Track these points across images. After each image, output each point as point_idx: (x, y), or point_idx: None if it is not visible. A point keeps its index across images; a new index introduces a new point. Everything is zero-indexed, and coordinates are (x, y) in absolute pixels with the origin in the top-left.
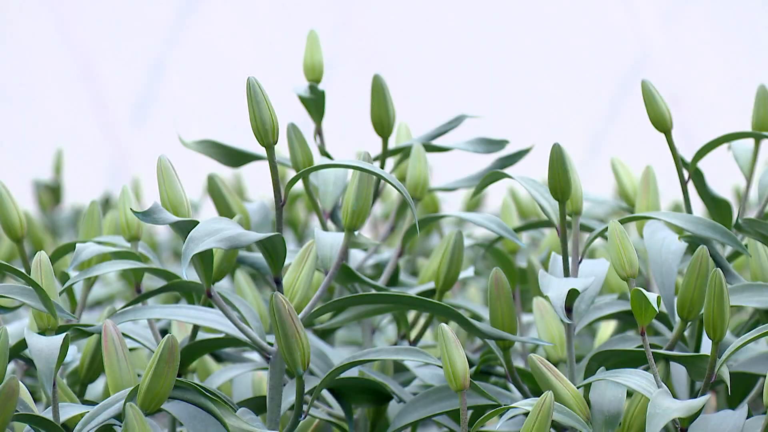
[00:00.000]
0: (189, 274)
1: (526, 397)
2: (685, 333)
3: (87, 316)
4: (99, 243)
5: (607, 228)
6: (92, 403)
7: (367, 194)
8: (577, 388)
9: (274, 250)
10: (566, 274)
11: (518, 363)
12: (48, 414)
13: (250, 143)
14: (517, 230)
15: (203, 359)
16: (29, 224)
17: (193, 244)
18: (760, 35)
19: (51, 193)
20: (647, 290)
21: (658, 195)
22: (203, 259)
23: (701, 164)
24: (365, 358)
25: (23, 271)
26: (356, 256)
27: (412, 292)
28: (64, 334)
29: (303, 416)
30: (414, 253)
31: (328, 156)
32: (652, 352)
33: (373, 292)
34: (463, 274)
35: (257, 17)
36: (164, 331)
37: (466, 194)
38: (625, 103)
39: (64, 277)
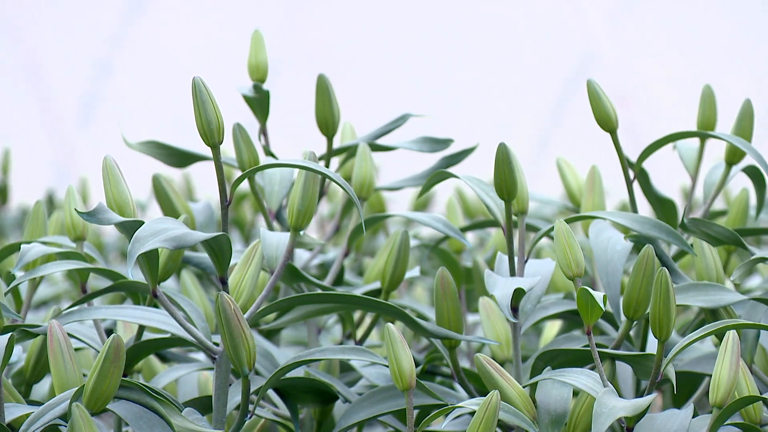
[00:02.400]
0: (135, 274)
1: (472, 396)
2: (631, 332)
3: (32, 317)
4: (44, 243)
5: (553, 228)
6: (38, 403)
7: (312, 194)
8: (524, 387)
9: (219, 249)
10: (512, 273)
11: (464, 363)
12: None
13: (197, 143)
14: (464, 230)
15: (149, 359)
16: None
17: (138, 243)
18: (706, 36)
19: None
20: (593, 290)
21: (603, 195)
22: (149, 259)
23: (647, 164)
24: (311, 357)
25: None
26: (302, 256)
27: (358, 292)
28: (9, 334)
29: (249, 416)
30: (360, 252)
31: (274, 156)
32: (598, 352)
33: (319, 291)
34: (409, 274)
35: (204, 17)
36: (110, 331)
37: (413, 193)
38: (571, 102)
39: (9, 278)
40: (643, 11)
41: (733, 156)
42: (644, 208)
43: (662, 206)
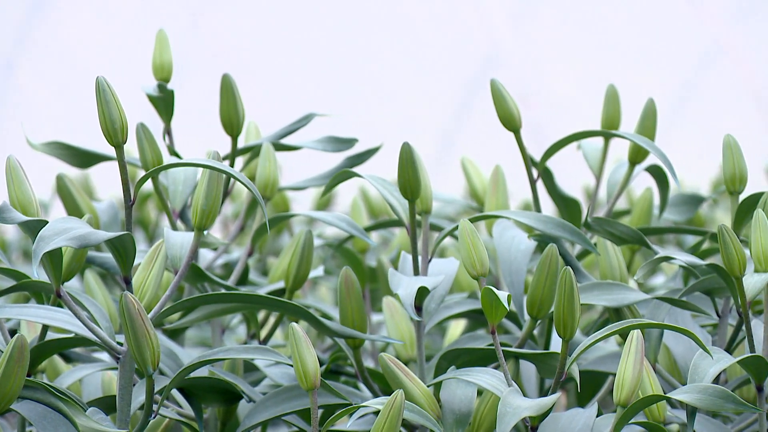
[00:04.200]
0: (39, 273)
1: (376, 396)
2: (535, 331)
3: None
4: None
5: (457, 227)
6: None
7: (216, 193)
8: (428, 386)
9: (123, 249)
10: (416, 272)
11: (368, 362)
12: None
13: (100, 143)
14: (368, 229)
15: (53, 359)
16: None
17: (43, 242)
18: (609, 35)
19: None
20: (497, 289)
21: (507, 194)
22: (53, 259)
23: (551, 163)
24: (215, 357)
25: None
26: (206, 256)
27: (262, 292)
28: None
29: (153, 416)
30: (264, 252)
31: (178, 155)
32: (503, 351)
33: (223, 291)
34: (313, 273)
35: (109, 16)
36: (13, 331)
37: (316, 193)
38: (475, 101)
39: None
40: (546, 10)
41: (637, 155)
42: (548, 207)
43: (566, 205)
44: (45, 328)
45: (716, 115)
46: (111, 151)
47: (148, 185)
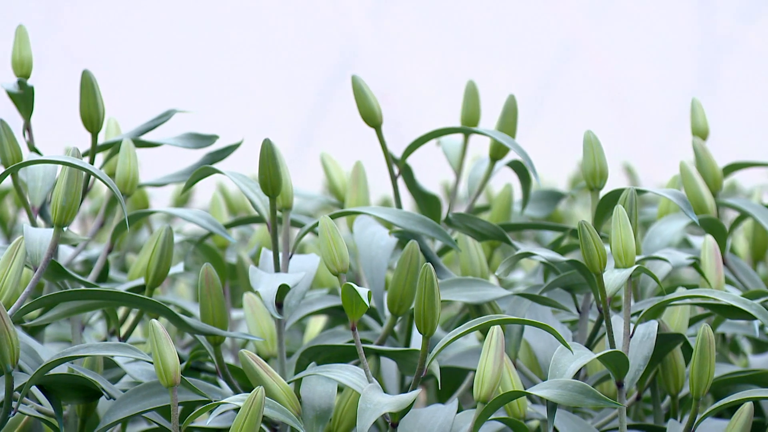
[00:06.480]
0: None
1: (237, 392)
2: (396, 328)
3: None
4: None
5: (317, 223)
6: None
7: (76, 190)
8: (288, 383)
9: None
10: (277, 269)
11: (229, 359)
12: None
13: None
14: (228, 226)
15: None
16: None
17: None
18: (468, 32)
19: None
20: (358, 285)
21: (368, 190)
22: None
23: (411, 160)
24: (74, 354)
25: None
26: (66, 252)
27: (122, 288)
28: None
29: (12, 413)
30: (124, 249)
31: (38, 152)
32: (363, 347)
33: (83, 288)
34: (172, 270)
35: None
36: None
37: (176, 190)
38: (334, 97)
39: None
40: (404, 6)
41: (498, 151)
42: (409, 203)
43: (426, 202)
44: None
45: (574, 112)
46: None
47: (7, 181)
